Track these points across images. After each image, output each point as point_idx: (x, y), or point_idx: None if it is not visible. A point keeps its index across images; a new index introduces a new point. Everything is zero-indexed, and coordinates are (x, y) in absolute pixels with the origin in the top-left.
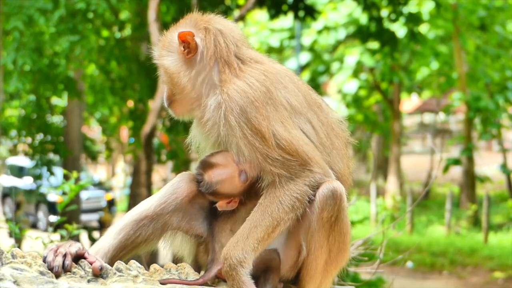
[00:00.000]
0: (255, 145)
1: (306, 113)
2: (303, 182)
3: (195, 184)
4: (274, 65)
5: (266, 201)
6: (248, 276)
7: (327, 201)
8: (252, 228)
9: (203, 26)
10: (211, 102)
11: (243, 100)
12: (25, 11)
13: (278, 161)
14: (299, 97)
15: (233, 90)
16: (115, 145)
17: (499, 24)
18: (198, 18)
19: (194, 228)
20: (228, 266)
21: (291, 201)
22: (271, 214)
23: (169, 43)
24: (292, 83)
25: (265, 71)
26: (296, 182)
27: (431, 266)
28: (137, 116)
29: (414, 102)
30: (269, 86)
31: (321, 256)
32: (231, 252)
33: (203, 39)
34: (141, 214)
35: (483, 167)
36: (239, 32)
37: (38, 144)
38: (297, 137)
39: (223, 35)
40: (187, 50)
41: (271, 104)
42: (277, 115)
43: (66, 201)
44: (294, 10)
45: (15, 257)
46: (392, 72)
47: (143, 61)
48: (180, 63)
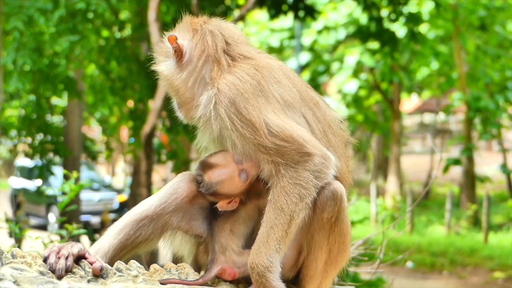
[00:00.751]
0: (246, 136)
1: (300, 108)
2: (303, 167)
3: (195, 184)
4: (268, 60)
5: (274, 196)
6: (279, 280)
7: (327, 201)
8: (269, 229)
9: (192, 28)
10: (203, 98)
11: (232, 92)
12: (25, 11)
13: (272, 149)
14: (292, 92)
15: (223, 84)
16: (115, 145)
17: (499, 24)
18: (191, 21)
19: (194, 228)
20: (257, 274)
21: (296, 190)
22: (282, 209)
23: (165, 48)
24: (287, 78)
25: (256, 65)
26: (295, 169)
27: (431, 266)
28: (137, 116)
29: (414, 102)
30: (260, 79)
31: (321, 257)
32: (256, 260)
33: (190, 41)
34: (141, 214)
35: (483, 167)
36: (233, 31)
37: (38, 144)
38: (290, 123)
39: (212, 34)
40: (177, 54)
41: (262, 96)
42: (269, 106)
43: (66, 201)
44: (294, 10)
45: (15, 257)
46: (392, 72)
47: (143, 61)
48: (173, 67)
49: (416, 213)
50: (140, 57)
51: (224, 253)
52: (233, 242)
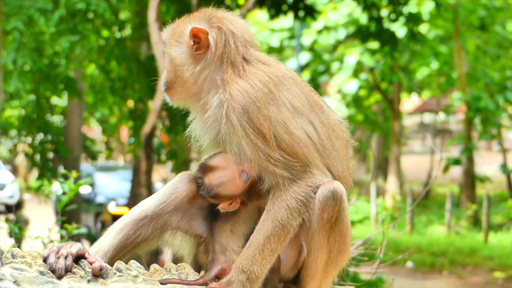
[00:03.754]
0: (257, 145)
1: (308, 114)
2: (306, 183)
3: (195, 184)
4: (279, 67)
5: (274, 207)
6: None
7: (327, 201)
8: (266, 239)
9: (216, 25)
10: (214, 100)
11: (245, 100)
12: (25, 11)
13: (280, 162)
14: (301, 99)
15: (235, 90)
16: (115, 145)
17: (499, 24)
18: (213, 14)
19: (194, 228)
20: (247, 280)
21: (297, 205)
22: (280, 221)
23: (180, 33)
24: (295, 84)
25: (268, 72)
26: (299, 184)
27: (431, 266)
28: (137, 116)
29: (414, 102)
30: (272, 87)
31: (321, 257)
32: (250, 267)
33: (215, 39)
34: (140, 214)
35: (483, 167)
36: (250, 33)
37: (38, 144)
38: (297, 139)
39: (234, 36)
40: (196, 46)
41: (274, 105)
42: (279, 115)
43: (65, 200)
44: (294, 10)
45: (15, 257)
46: (392, 72)
47: (143, 61)
48: (186, 56)
49: (416, 213)
50: (140, 57)
51: (225, 253)
52: (234, 242)
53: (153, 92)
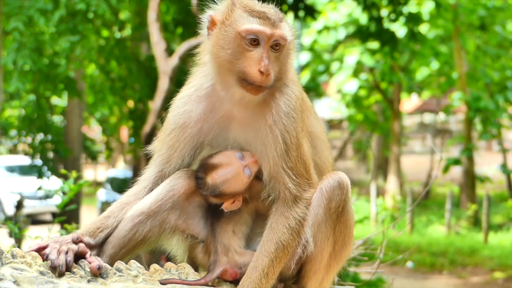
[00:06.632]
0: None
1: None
2: (304, 204)
3: (192, 180)
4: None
5: (278, 226)
6: None
7: (334, 191)
8: (270, 262)
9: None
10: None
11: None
12: (25, 11)
13: (294, 175)
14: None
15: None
16: (115, 145)
17: (499, 24)
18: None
19: (191, 228)
20: None
21: (297, 225)
22: (283, 242)
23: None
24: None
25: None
26: (300, 205)
27: (431, 266)
28: (137, 116)
29: (414, 102)
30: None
31: (327, 249)
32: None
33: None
34: (137, 211)
35: (483, 167)
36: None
37: (38, 143)
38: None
39: None
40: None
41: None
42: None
43: (65, 200)
44: (294, 10)
45: (15, 257)
46: (392, 72)
47: (143, 61)
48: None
49: (416, 213)
50: (140, 57)
51: (227, 254)
52: (235, 243)
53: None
